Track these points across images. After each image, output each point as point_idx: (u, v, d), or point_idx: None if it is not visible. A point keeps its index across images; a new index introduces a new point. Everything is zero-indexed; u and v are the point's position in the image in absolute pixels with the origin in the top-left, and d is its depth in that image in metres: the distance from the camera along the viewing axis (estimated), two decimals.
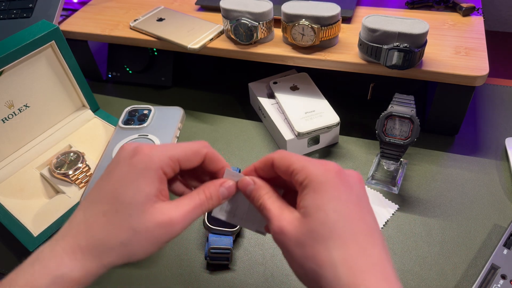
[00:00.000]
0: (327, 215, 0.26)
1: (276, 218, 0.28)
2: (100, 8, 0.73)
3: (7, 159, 0.54)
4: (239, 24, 0.57)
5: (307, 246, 0.26)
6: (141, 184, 0.28)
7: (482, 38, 0.57)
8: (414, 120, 0.48)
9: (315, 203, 0.26)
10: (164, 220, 0.28)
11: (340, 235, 0.25)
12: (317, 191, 0.27)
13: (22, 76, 0.52)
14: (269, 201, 0.30)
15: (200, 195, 0.31)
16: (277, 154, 0.30)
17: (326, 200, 0.26)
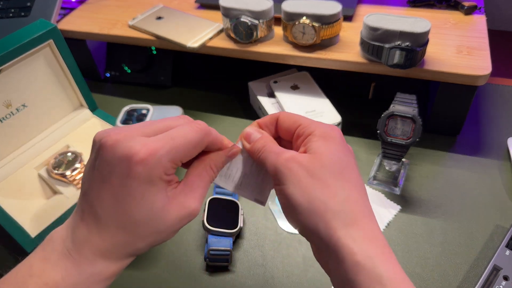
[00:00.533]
0: (338, 158, 0.28)
1: (282, 150, 0.29)
2: (98, 7, 0.73)
3: (5, 159, 0.53)
4: (239, 23, 0.56)
5: (317, 178, 0.27)
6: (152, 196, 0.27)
7: (484, 37, 0.56)
8: (416, 120, 0.48)
9: (327, 147, 0.29)
10: (185, 214, 0.28)
11: (347, 179, 0.28)
12: (327, 140, 0.29)
13: (20, 75, 0.52)
14: (274, 143, 0.31)
15: (208, 171, 0.30)
16: (282, 112, 0.32)
17: (335, 148, 0.29)
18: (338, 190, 0.27)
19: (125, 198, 0.26)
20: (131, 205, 0.26)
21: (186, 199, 0.28)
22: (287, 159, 0.28)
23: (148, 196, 0.26)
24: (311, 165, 0.28)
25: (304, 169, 0.28)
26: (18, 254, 0.50)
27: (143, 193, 0.26)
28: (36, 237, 0.46)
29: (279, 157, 0.29)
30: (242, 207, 0.50)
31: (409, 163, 0.55)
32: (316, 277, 0.45)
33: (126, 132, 0.27)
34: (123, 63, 0.72)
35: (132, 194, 0.26)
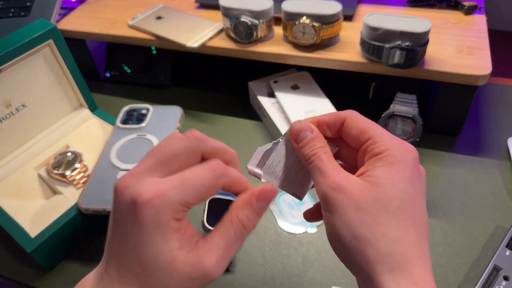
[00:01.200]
0: (399, 193, 0.25)
1: (332, 173, 0.26)
2: (98, 7, 0.73)
3: (5, 159, 0.53)
4: (239, 23, 0.56)
5: (367, 213, 0.24)
6: (159, 244, 0.24)
7: (484, 37, 0.56)
8: (416, 120, 0.48)
9: (390, 177, 0.25)
10: (197, 275, 0.24)
11: (405, 217, 0.25)
12: (394, 166, 0.26)
13: (20, 75, 0.51)
14: (325, 156, 0.27)
15: (234, 225, 0.26)
16: (350, 113, 0.28)
17: (400, 178, 0.25)
18: (390, 229, 0.24)
19: (135, 246, 0.24)
20: (141, 253, 0.24)
21: (201, 257, 0.24)
22: (335, 188, 0.25)
23: (155, 244, 0.24)
24: (362, 198, 0.25)
25: (352, 203, 0.25)
26: (18, 254, 0.50)
27: (150, 239, 0.24)
28: (36, 237, 0.46)
29: (328, 181, 0.26)
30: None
31: None
32: (316, 277, 0.45)
33: (138, 174, 0.25)
34: (123, 63, 0.72)
35: (141, 240, 0.24)
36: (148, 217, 0.23)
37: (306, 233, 0.49)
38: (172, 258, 0.24)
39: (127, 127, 0.55)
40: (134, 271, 0.24)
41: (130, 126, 0.55)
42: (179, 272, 0.24)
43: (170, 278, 0.24)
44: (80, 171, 0.52)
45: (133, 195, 0.24)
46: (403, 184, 0.25)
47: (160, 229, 0.24)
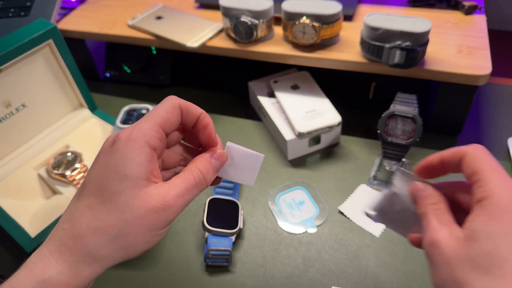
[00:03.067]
0: (497, 248, 0.23)
1: (433, 229, 0.26)
2: (98, 7, 0.72)
3: (4, 159, 0.53)
4: (239, 22, 0.56)
5: (457, 270, 0.24)
6: (127, 168, 0.26)
7: (484, 37, 0.56)
8: (416, 120, 0.47)
9: (487, 230, 0.24)
10: (157, 205, 0.26)
11: (504, 275, 0.23)
12: (494, 217, 0.24)
13: (20, 75, 0.51)
14: (433, 212, 0.27)
15: (194, 172, 0.28)
16: (472, 149, 0.27)
17: (500, 231, 0.23)
18: (481, 286, 0.23)
19: (101, 167, 0.27)
20: (104, 179, 0.26)
21: (161, 192, 0.26)
22: (431, 243, 0.26)
23: (122, 167, 0.26)
24: (453, 254, 0.24)
25: (444, 258, 0.25)
26: (18, 254, 0.49)
27: (119, 163, 0.26)
28: (36, 237, 0.46)
29: (428, 236, 0.26)
30: (242, 207, 0.50)
31: (409, 163, 0.55)
32: (316, 277, 0.45)
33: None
34: (123, 63, 0.72)
35: (108, 162, 0.26)
36: (121, 145, 0.26)
37: (306, 233, 0.49)
38: (134, 185, 0.26)
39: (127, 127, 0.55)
40: (87, 202, 0.26)
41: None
42: (139, 201, 0.26)
43: (127, 206, 0.25)
44: (80, 171, 0.52)
45: (114, 135, 0.27)
46: (502, 238, 0.23)
47: (130, 154, 0.26)
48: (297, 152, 0.57)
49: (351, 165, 0.56)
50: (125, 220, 0.25)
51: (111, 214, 0.26)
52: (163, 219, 0.26)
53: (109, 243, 0.26)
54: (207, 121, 0.31)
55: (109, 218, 0.26)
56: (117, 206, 0.26)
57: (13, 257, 0.49)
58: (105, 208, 0.26)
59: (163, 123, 0.28)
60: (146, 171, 0.26)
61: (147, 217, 0.26)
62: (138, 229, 0.26)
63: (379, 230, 0.48)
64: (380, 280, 0.44)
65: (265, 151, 0.59)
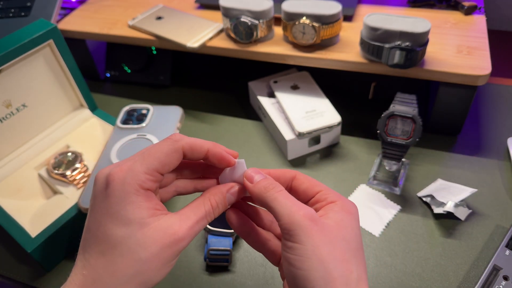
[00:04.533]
0: (356, 236, 0.28)
1: (303, 205, 0.27)
2: (98, 7, 0.73)
3: (5, 159, 0.53)
4: (239, 23, 0.56)
5: (339, 249, 0.26)
6: (129, 213, 0.25)
7: (484, 37, 0.56)
8: (416, 120, 0.48)
9: (349, 221, 0.28)
10: (170, 240, 0.26)
11: (361, 259, 0.27)
12: (349, 214, 0.28)
13: (20, 75, 0.51)
14: (285, 192, 0.28)
15: (206, 205, 0.29)
16: (299, 173, 0.31)
17: (356, 226, 0.28)
18: (354, 267, 0.26)
19: (102, 213, 0.26)
20: (108, 225, 0.25)
21: (171, 225, 0.26)
22: (307, 216, 0.26)
23: (124, 212, 0.25)
24: (333, 233, 0.26)
25: (325, 236, 0.26)
26: (18, 254, 0.50)
27: (119, 208, 0.25)
28: (36, 237, 0.46)
29: (299, 210, 0.26)
30: None
31: (409, 163, 0.55)
32: None
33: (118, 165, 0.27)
34: (123, 63, 0.72)
35: (107, 209, 0.26)
36: (115, 190, 0.25)
37: None
38: (143, 224, 0.25)
39: (127, 127, 0.55)
40: (99, 249, 0.26)
41: (130, 126, 0.55)
42: (150, 239, 0.25)
43: (141, 246, 0.25)
44: (81, 171, 0.52)
45: (106, 175, 0.26)
46: (357, 230, 0.28)
47: (128, 198, 0.25)
48: (297, 152, 0.57)
49: (351, 165, 0.56)
50: (140, 260, 0.25)
51: (125, 257, 0.25)
52: (176, 251, 0.27)
53: (128, 283, 0.26)
54: (219, 153, 0.30)
55: (124, 261, 0.25)
56: (129, 248, 0.25)
57: (14, 257, 0.50)
58: (118, 252, 0.25)
59: (160, 168, 0.27)
60: (148, 210, 0.26)
61: (161, 253, 0.26)
62: (153, 265, 0.26)
63: (379, 230, 0.49)
64: (380, 280, 0.44)
65: (265, 151, 0.59)
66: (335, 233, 0.26)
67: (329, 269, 0.25)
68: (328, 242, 0.26)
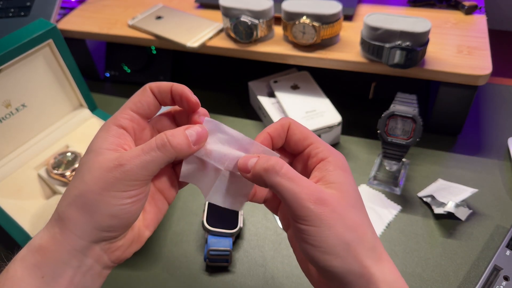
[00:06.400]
0: (357, 193, 0.28)
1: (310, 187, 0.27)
2: (98, 7, 0.72)
3: (4, 159, 0.53)
4: (239, 22, 0.56)
5: (348, 218, 0.27)
6: (93, 144, 0.28)
7: (485, 37, 0.56)
8: (416, 120, 0.47)
9: (347, 181, 0.28)
10: (111, 165, 0.27)
11: (366, 214, 0.28)
12: (343, 170, 0.29)
13: (20, 75, 0.51)
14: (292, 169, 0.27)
15: (158, 138, 0.28)
16: (291, 120, 0.31)
17: (352, 180, 0.29)
18: (366, 227, 0.27)
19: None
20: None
21: (120, 155, 0.27)
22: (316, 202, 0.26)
23: (91, 144, 0.29)
24: (341, 207, 0.27)
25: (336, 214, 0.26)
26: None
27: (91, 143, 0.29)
28: None
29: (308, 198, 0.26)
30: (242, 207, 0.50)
31: (409, 163, 0.55)
32: None
33: None
34: (123, 63, 0.72)
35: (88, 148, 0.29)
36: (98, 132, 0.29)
37: None
38: (99, 153, 0.28)
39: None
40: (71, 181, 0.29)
41: None
42: (97, 163, 0.27)
43: (86, 171, 0.27)
44: None
45: None
46: (354, 185, 0.29)
47: (99, 133, 0.29)
48: None
49: (351, 165, 0.56)
50: (83, 181, 0.27)
51: (75, 179, 0.28)
52: (117, 178, 0.27)
53: (71, 203, 0.27)
54: (180, 88, 0.32)
55: (73, 183, 0.28)
56: (80, 172, 0.28)
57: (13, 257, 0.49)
58: (74, 176, 0.28)
59: (133, 105, 0.30)
60: (110, 143, 0.28)
61: (101, 176, 0.27)
62: (93, 187, 0.27)
63: (379, 230, 0.48)
64: None
65: None
66: (343, 204, 0.27)
67: (347, 241, 0.26)
68: (340, 218, 0.26)
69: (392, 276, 0.27)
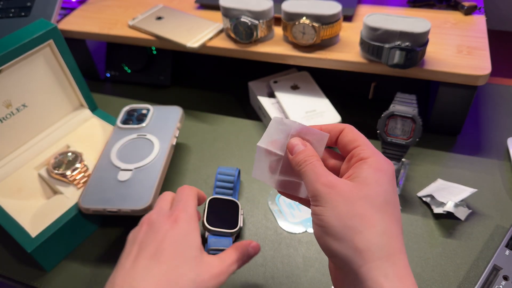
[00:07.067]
0: (384, 192, 0.28)
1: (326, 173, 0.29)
2: (98, 7, 0.73)
3: (5, 159, 0.53)
4: (239, 23, 0.56)
5: (357, 206, 0.27)
6: (189, 241, 0.33)
7: (484, 37, 0.56)
8: (416, 120, 0.48)
9: (376, 178, 0.28)
10: (216, 272, 0.33)
11: (389, 213, 0.28)
12: (379, 170, 0.29)
13: (20, 75, 0.51)
14: (318, 162, 0.31)
15: (236, 252, 0.36)
16: (349, 125, 0.33)
17: (385, 181, 0.29)
18: (377, 221, 0.27)
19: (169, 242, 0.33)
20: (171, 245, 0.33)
21: (217, 263, 0.34)
22: (326, 184, 0.28)
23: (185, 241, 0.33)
24: (352, 193, 0.28)
25: (343, 197, 0.27)
26: (19, 254, 0.50)
27: (182, 239, 0.33)
28: (36, 237, 0.46)
29: (320, 178, 0.29)
30: (242, 207, 0.50)
31: (409, 163, 0.55)
32: (316, 277, 0.45)
33: None
34: (123, 63, 0.72)
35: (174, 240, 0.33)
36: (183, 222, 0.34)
37: (306, 232, 0.49)
38: (196, 254, 0.32)
39: (127, 127, 0.55)
40: (163, 268, 0.31)
41: (130, 126, 0.56)
42: (204, 268, 0.32)
43: (196, 271, 0.32)
44: (81, 171, 0.52)
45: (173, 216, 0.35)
46: (386, 185, 0.28)
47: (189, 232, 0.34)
48: None
49: None
50: (194, 281, 0.31)
51: (184, 274, 0.31)
52: (217, 284, 0.33)
53: None
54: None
55: (183, 277, 0.31)
56: (189, 270, 0.32)
57: (14, 257, 0.50)
58: (180, 270, 0.32)
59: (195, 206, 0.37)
60: (199, 243, 0.34)
61: (209, 282, 0.32)
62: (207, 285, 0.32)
63: None
64: None
65: None
66: (355, 192, 0.28)
67: (347, 224, 0.27)
68: (345, 201, 0.27)
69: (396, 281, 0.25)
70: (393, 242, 0.27)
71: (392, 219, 0.28)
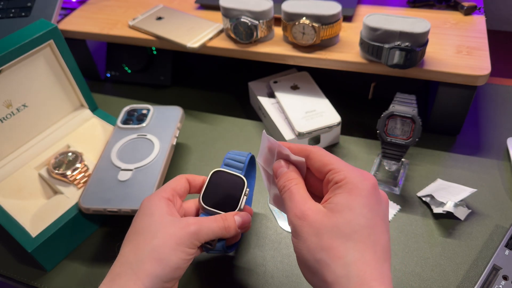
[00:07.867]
0: (356, 218, 0.27)
1: (298, 202, 0.29)
2: (99, 7, 0.73)
3: (5, 159, 0.53)
4: (239, 23, 0.56)
5: (325, 238, 0.27)
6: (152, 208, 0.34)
7: (484, 37, 0.56)
8: (415, 120, 0.48)
9: (347, 203, 0.27)
10: (182, 224, 0.33)
11: (362, 240, 0.26)
12: (353, 193, 0.28)
13: (20, 75, 0.52)
14: (296, 187, 0.31)
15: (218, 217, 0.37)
16: (316, 148, 0.32)
17: (358, 204, 0.27)
18: (346, 251, 0.26)
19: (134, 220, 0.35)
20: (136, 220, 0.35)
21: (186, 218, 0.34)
22: (298, 215, 0.28)
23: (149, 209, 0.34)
24: (321, 224, 0.27)
25: (313, 229, 0.27)
26: (19, 253, 0.50)
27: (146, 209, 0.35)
28: (37, 237, 0.46)
29: (293, 209, 0.29)
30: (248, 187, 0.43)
31: (409, 163, 0.55)
32: None
33: None
34: (123, 63, 0.72)
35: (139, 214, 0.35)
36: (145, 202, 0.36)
37: None
38: (163, 215, 0.33)
39: (127, 127, 0.56)
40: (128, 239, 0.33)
41: (130, 126, 0.56)
42: (167, 222, 0.32)
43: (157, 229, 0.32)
44: (81, 171, 0.52)
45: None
46: (360, 209, 0.27)
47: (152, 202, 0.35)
48: None
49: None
50: (156, 237, 0.31)
51: (146, 236, 0.32)
52: (188, 235, 0.32)
53: (146, 258, 0.31)
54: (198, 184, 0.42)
55: (144, 240, 0.32)
56: (150, 231, 0.32)
57: (14, 257, 0.50)
58: (141, 236, 0.32)
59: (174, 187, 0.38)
60: (167, 210, 0.34)
61: (174, 233, 0.32)
62: (167, 243, 0.31)
63: None
64: None
65: None
66: (326, 222, 0.27)
67: (317, 259, 0.27)
68: (315, 233, 0.27)
69: None
70: (366, 271, 0.26)
71: (367, 245, 0.26)
